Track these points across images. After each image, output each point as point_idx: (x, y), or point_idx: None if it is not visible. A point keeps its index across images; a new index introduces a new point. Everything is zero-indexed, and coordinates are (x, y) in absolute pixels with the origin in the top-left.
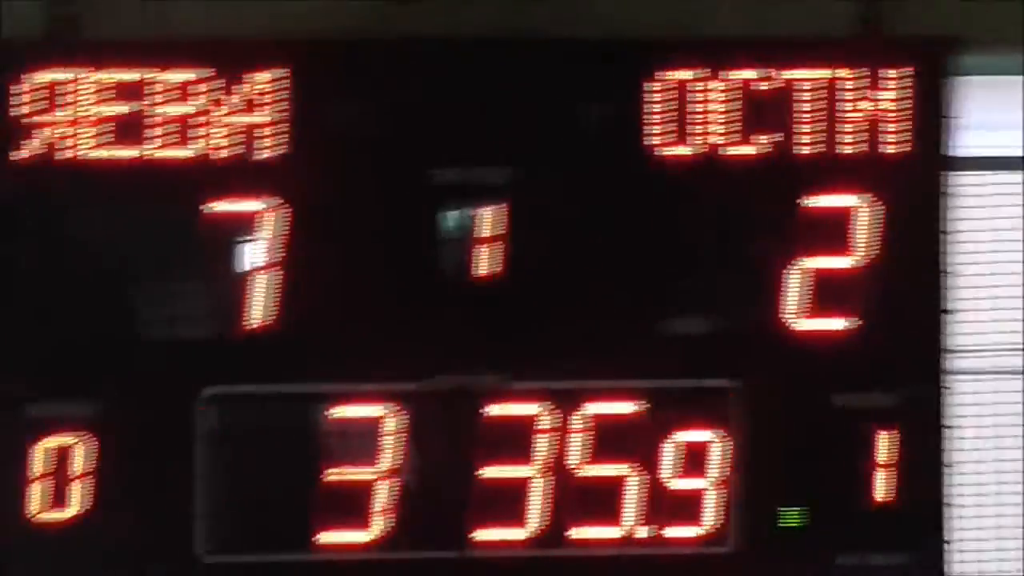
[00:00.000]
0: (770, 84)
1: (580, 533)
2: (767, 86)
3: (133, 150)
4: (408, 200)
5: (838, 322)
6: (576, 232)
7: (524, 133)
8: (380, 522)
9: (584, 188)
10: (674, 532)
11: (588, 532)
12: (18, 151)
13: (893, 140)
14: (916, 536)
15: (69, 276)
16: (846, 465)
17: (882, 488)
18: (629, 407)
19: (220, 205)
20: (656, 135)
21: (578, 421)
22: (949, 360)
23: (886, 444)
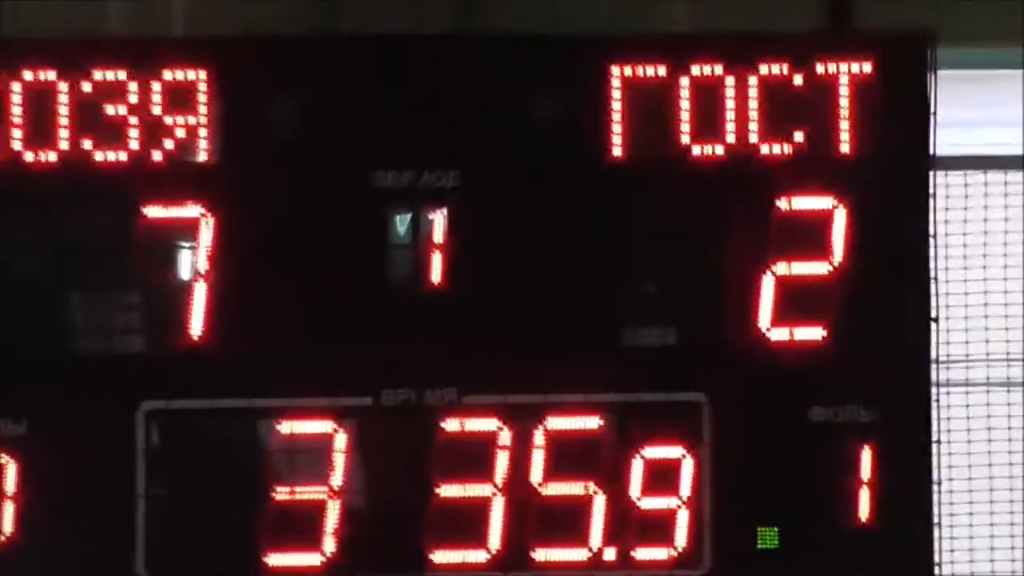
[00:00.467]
0: (737, 81)
1: (545, 555)
2: (733, 83)
3: (54, 152)
4: (349, 204)
5: (816, 331)
6: (534, 238)
7: (471, 134)
8: (332, 544)
9: (539, 191)
10: (644, 554)
11: (553, 554)
12: None
13: (869, 138)
14: (901, 558)
15: None
16: (825, 483)
17: (865, 508)
18: (594, 422)
19: (155, 211)
20: (618, 135)
21: (540, 436)
22: (935, 371)
23: (867, 461)
